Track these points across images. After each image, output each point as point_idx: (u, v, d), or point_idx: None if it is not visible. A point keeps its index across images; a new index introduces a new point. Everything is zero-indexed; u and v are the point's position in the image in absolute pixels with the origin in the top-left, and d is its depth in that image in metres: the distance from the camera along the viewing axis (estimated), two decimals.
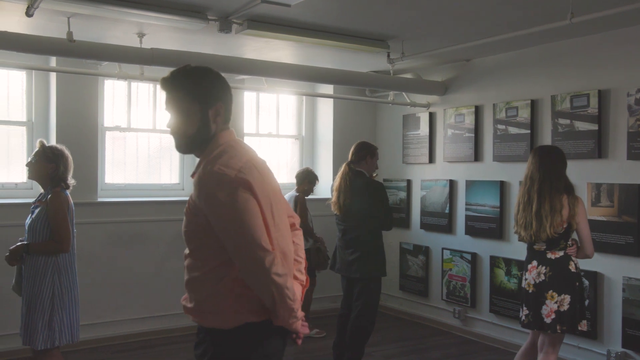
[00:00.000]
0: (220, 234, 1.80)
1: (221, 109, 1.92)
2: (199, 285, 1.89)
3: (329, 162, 6.29)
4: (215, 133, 1.93)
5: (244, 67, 4.74)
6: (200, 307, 1.89)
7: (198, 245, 1.89)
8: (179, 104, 1.89)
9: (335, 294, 5.86)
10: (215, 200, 1.77)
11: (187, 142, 1.93)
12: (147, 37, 4.37)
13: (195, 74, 1.91)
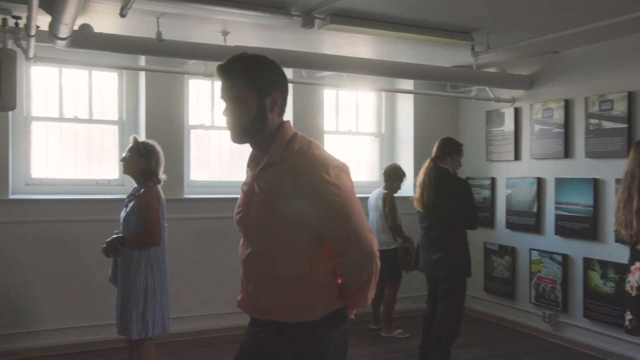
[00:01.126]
0: (327, 220, 1.78)
1: (278, 98, 1.85)
2: (283, 282, 1.83)
3: (409, 160, 6.17)
4: (272, 123, 1.86)
5: (326, 63, 4.72)
6: (284, 304, 1.83)
7: (282, 240, 1.81)
8: (234, 91, 1.82)
9: (417, 294, 5.74)
10: (324, 183, 1.75)
11: (242, 131, 1.85)
12: (230, 36, 4.45)
13: (251, 61, 1.84)
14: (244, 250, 1.93)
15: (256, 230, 1.85)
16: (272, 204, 1.79)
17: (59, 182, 5.06)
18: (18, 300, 4.60)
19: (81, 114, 5.18)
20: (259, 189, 1.84)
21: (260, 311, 1.88)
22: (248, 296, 1.91)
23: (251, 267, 1.89)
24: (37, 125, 5.03)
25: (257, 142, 1.88)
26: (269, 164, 1.83)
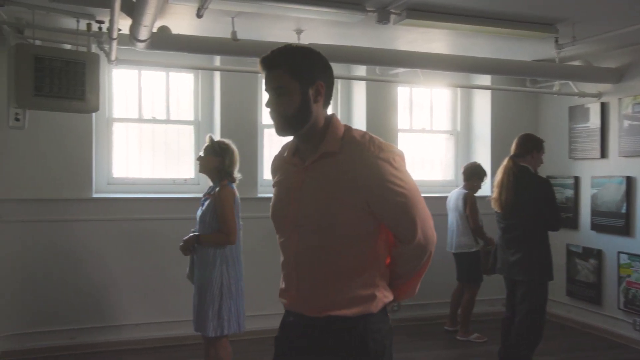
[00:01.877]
0: (394, 207, 1.77)
1: (322, 89, 1.81)
2: (346, 275, 1.80)
3: (486, 158, 5.95)
4: (317, 114, 1.82)
5: (401, 59, 4.62)
6: (346, 298, 1.80)
7: (344, 231, 1.78)
8: (277, 82, 1.79)
9: (494, 297, 5.53)
10: (392, 170, 1.76)
11: (286, 123, 1.81)
12: (304, 34, 4.43)
13: (294, 52, 1.82)
14: (292, 247, 1.87)
15: (312, 225, 1.80)
16: (333, 195, 1.76)
17: (138, 182, 5.21)
18: (101, 295, 4.77)
19: (159, 115, 5.31)
20: (313, 181, 1.81)
21: (319, 308, 1.83)
22: (302, 294, 1.86)
23: (308, 264, 1.84)
24: (118, 126, 5.20)
25: (302, 134, 1.84)
26: (327, 153, 1.80)
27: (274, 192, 1.98)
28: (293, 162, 1.90)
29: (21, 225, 4.56)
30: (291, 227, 1.85)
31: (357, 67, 5.55)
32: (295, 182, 1.86)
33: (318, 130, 1.84)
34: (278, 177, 1.98)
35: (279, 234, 1.93)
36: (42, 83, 3.75)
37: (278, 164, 2.02)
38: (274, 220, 1.94)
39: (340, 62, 4.92)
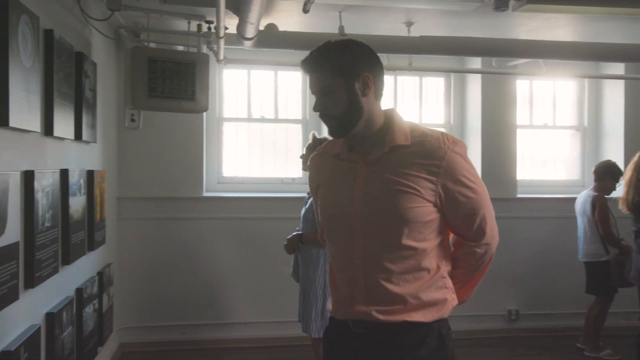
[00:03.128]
0: (465, 205, 1.71)
1: (369, 80, 1.69)
2: (417, 277, 1.71)
3: (619, 156, 5.37)
4: (370, 108, 1.72)
5: (521, 49, 4.24)
6: (419, 302, 1.70)
7: (414, 230, 1.68)
8: (320, 83, 1.70)
9: (631, 309, 4.98)
10: (466, 166, 1.70)
11: (338, 123, 1.72)
12: (415, 26, 4.20)
13: (333, 47, 1.72)
14: (358, 248, 1.72)
15: (380, 224, 1.70)
16: (405, 189, 1.67)
17: (247, 181, 5.24)
18: (210, 293, 4.84)
19: (267, 114, 5.32)
20: (381, 176, 1.70)
21: (389, 314, 1.70)
22: (372, 299, 1.71)
23: (377, 265, 1.70)
24: (228, 126, 5.26)
25: (360, 131, 1.74)
26: (395, 147, 1.70)
27: (325, 192, 1.85)
28: (351, 158, 1.78)
29: (138, 223, 4.73)
30: (356, 227, 1.72)
31: (472, 60, 5.23)
32: (359, 177, 1.74)
33: (377, 124, 1.75)
34: (326, 175, 1.86)
35: (336, 236, 1.81)
36: (155, 84, 3.84)
37: (320, 162, 1.90)
38: (331, 221, 1.82)
39: (454, 55, 4.65)
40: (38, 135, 2.59)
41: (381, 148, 1.72)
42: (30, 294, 2.49)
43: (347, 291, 1.76)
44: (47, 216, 2.62)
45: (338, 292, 1.81)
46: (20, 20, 2.27)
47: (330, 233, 1.83)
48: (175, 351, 4.68)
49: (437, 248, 1.74)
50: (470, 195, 1.71)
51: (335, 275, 1.84)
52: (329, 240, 1.86)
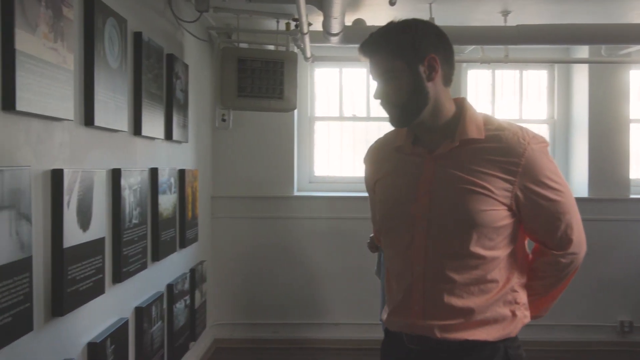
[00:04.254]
0: (548, 209, 1.51)
1: (435, 63, 1.51)
2: (485, 288, 1.52)
3: None
4: (436, 94, 1.54)
5: (637, 35, 3.83)
6: (484, 317, 1.51)
7: (484, 234, 1.49)
8: (381, 67, 1.54)
9: None
10: (550, 166, 1.52)
11: (401, 111, 1.54)
12: (512, 15, 3.95)
13: (394, 27, 1.55)
14: (418, 251, 1.54)
15: (445, 228, 1.51)
16: (476, 188, 1.48)
17: (339, 180, 5.19)
18: (301, 292, 4.83)
19: (359, 112, 5.23)
20: (449, 172, 1.52)
21: (448, 330, 1.50)
22: (429, 311, 1.53)
23: (439, 273, 1.52)
24: (320, 125, 5.23)
25: (424, 121, 1.56)
26: (466, 141, 1.52)
27: (384, 188, 1.67)
28: (415, 152, 1.60)
29: (231, 221, 4.81)
30: (418, 228, 1.54)
31: (578, 49, 4.85)
32: (424, 174, 1.55)
33: (446, 114, 1.57)
34: (386, 169, 1.67)
35: (394, 239, 1.62)
36: (244, 84, 3.88)
37: (380, 154, 1.72)
38: (390, 222, 1.64)
39: (555, 44, 4.32)
40: (126, 135, 2.67)
41: (451, 141, 1.54)
42: (118, 288, 2.57)
43: (403, 301, 1.59)
44: (134, 213, 2.69)
45: (393, 301, 1.64)
46: (106, 23, 2.34)
47: (388, 235, 1.66)
48: (267, 349, 4.71)
49: (508, 257, 1.55)
50: (554, 198, 1.52)
51: (391, 281, 1.66)
52: (385, 243, 1.69)
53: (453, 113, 1.58)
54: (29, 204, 1.74)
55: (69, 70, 2.00)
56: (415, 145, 1.61)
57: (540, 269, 1.61)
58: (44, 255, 1.91)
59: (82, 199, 2.12)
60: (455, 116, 1.57)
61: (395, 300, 1.62)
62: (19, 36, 1.69)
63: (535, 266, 1.62)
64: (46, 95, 1.85)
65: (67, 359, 2.06)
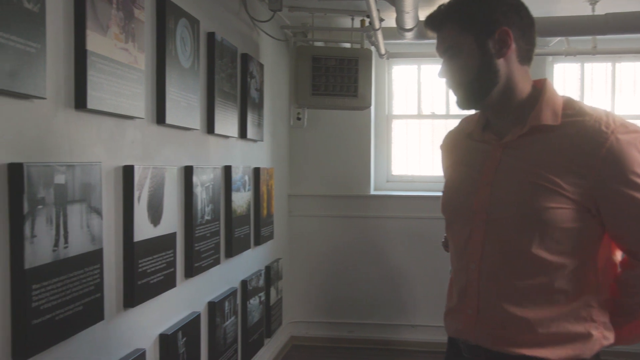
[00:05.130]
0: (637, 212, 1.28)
1: (507, 37, 1.35)
2: (553, 298, 1.33)
3: None
4: (509, 73, 1.37)
5: None
6: (550, 332, 1.32)
7: (557, 236, 1.31)
8: (447, 41, 1.40)
9: None
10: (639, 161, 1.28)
11: (466, 91, 1.39)
12: (600, 4, 3.70)
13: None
14: (475, 248, 1.40)
15: (510, 219, 1.34)
16: (545, 182, 1.31)
17: (417, 179, 5.09)
18: (377, 292, 4.77)
19: (439, 110, 5.11)
20: (516, 162, 1.37)
21: (509, 342, 1.34)
22: (484, 318, 1.39)
23: (497, 274, 1.37)
24: (398, 123, 5.16)
25: (494, 103, 1.41)
26: (540, 127, 1.35)
27: (449, 176, 1.56)
28: (484, 138, 1.46)
29: (308, 220, 4.83)
30: (476, 222, 1.40)
31: None
32: (488, 163, 1.41)
33: (519, 95, 1.40)
34: (456, 157, 1.55)
35: (454, 233, 1.50)
36: (319, 82, 3.89)
37: (454, 141, 1.60)
38: (449, 212, 1.52)
39: None
40: (199, 133, 2.73)
41: (521, 127, 1.38)
42: (190, 282, 2.63)
43: (458, 303, 1.46)
44: (206, 210, 2.75)
45: (449, 302, 1.52)
46: (178, 24, 2.41)
47: (449, 229, 1.54)
48: (342, 348, 4.69)
49: (582, 266, 1.35)
50: None
51: (452, 280, 1.54)
52: (448, 237, 1.56)
53: (529, 95, 1.41)
54: (99, 199, 1.82)
55: (140, 70, 2.07)
56: (485, 131, 1.48)
57: (630, 284, 1.39)
58: (116, 248, 1.99)
59: (153, 194, 2.19)
60: (531, 99, 1.40)
61: (452, 301, 1.51)
62: (90, 37, 1.76)
63: (624, 280, 1.41)
64: (117, 94, 1.92)
65: (138, 349, 2.13)
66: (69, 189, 1.66)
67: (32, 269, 1.50)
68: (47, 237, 1.56)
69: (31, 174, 1.50)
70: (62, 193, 1.62)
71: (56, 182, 1.60)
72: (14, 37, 1.43)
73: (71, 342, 1.72)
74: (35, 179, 1.51)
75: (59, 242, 1.61)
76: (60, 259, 1.62)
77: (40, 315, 1.54)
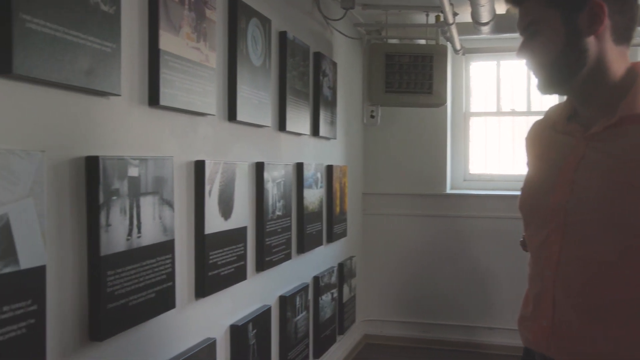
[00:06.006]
0: None
1: (601, 12, 1.16)
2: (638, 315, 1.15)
3: None
4: (600, 53, 1.19)
5: None
6: (635, 349, 1.14)
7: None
8: (529, 17, 1.24)
9: None
10: None
11: (548, 73, 1.23)
12: None
13: None
14: (551, 252, 1.25)
15: (588, 228, 1.18)
16: (630, 185, 1.13)
17: (497, 178, 4.94)
18: (453, 292, 4.67)
19: (519, 107, 4.94)
20: (602, 157, 1.19)
21: (592, 356, 1.18)
22: (559, 330, 1.24)
23: (575, 282, 1.21)
24: (476, 121, 5.03)
25: (580, 88, 1.25)
26: (632, 117, 1.17)
27: (531, 170, 1.41)
28: (567, 129, 1.30)
29: (382, 218, 4.81)
30: (554, 223, 1.25)
31: None
32: (570, 157, 1.25)
33: (611, 80, 1.21)
34: (537, 150, 1.39)
35: (531, 234, 1.37)
36: (392, 79, 3.87)
37: (537, 133, 1.43)
38: (526, 212, 1.37)
39: None
40: (270, 130, 2.79)
41: (609, 117, 1.20)
42: (261, 276, 2.69)
43: (532, 310, 1.33)
44: (278, 205, 2.80)
45: (524, 308, 1.39)
46: (249, 23, 2.47)
47: (526, 230, 1.39)
48: (417, 349, 4.63)
49: None
50: None
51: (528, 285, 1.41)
52: (526, 237, 1.42)
53: (623, 80, 1.22)
54: (171, 191, 1.90)
55: (211, 68, 2.14)
56: (570, 121, 1.31)
57: None
58: (187, 240, 2.07)
59: (224, 189, 2.26)
60: (625, 85, 1.21)
61: (526, 308, 1.38)
62: (163, 37, 1.84)
63: None
64: (189, 92, 2.00)
65: (209, 338, 2.20)
66: (142, 181, 1.74)
67: (106, 256, 1.59)
68: (121, 227, 1.65)
69: (106, 167, 1.59)
70: (135, 185, 1.71)
71: (130, 175, 1.69)
72: (91, 38, 1.52)
73: (144, 327, 1.81)
74: (110, 172, 1.60)
75: (132, 232, 1.70)
76: (134, 248, 1.71)
77: (115, 300, 1.63)
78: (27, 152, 1.33)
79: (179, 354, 2.01)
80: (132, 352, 1.76)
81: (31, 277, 1.34)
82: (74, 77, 1.47)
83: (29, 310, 1.33)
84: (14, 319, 1.29)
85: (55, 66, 1.41)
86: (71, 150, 1.51)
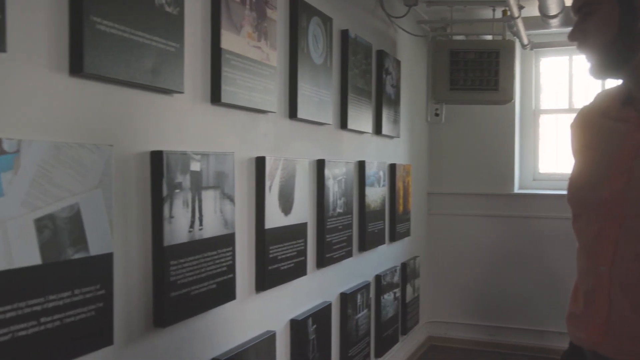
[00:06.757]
0: None
1: None
2: None
3: None
4: None
5: None
6: None
7: None
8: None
9: None
10: None
11: (602, 56, 1.17)
12: None
13: None
14: (607, 248, 1.19)
15: None
16: None
17: (567, 177, 4.73)
18: (521, 295, 4.54)
19: None
20: None
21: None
22: (615, 329, 1.19)
23: (625, 283, 1.16)
24: (546, 118, 4.87)
25: (633, 72, 1.18)
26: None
27: (579, 160, 1.34)
28: (622, 116, 1.22)
29: (447, 218, 4.74)
30: (608, 217, 1.20)
31: None
32: (626, 146, 1.19)
33: None
34: (587, 138, 1.32)
35: (582, 228, 1.30)
36: (457, 77, 3.80)
37: (586, 119, 1.35)
38: (576, 204, 1.31)
39: None
40: (331, 128, 2.82)
41: None
42: (321, 272, 2.72)
43: (583, 307, 1.29)
44: (338, 202, 2.83)
45: (574, 304, 1.34)
46: (310, 22, 2.51)
47: (575, 222, 1.34)
48: (482, 352, 4.53)
49: None
50: None
51: (577, 281, 1.36)
52: (574, 232, 1.36)
53: None
54: (232, 186, 1.96)
55: (272, 66, 2.19)
56: (625, 107, 1.23)
57: None
58: (248, 234, 2.12)
59: (284, 185, 2.30)
60: None
61: (576, 305, 1.33)
62: (224, 36, 1.91)
63: None
64: (250, 89, 2.06)
65: (269, 331, 2.25)
66: (203, 176, 1.81)
67: (170, 247, 1.66)
68: (183, 219, 1.72)
69: (170, 161, 1.66)
70: (197, 179, 1.78)
71: (192, 169, 1.75)
72: (156, 38, 1.60)
73: (206, 316, 1.87)
74: (173, 166, 1.67)
75: (194, 224, 1.77)
76: (195, 240, 1.78)
77: (177, 289, 1.70)
78: (97, 146, 1.42)
79: (240, 344, 2.07)
80: (194, 340, 1.83)
81: (100, 263, 1.42)
82: (140, 75, 1.54)
83: (97, 294, 1.41)
84: (85, 301, 1.38)
85: (123, 65, 1.49)
86: (137, 144, 1.59)
